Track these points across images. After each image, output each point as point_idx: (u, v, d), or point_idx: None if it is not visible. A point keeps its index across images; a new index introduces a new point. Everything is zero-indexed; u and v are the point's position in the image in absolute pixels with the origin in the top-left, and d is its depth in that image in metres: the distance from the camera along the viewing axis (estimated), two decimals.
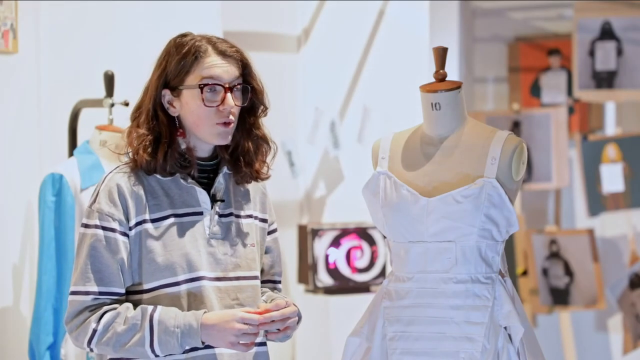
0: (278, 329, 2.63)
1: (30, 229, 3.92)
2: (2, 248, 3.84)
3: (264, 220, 2.79)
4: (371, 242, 5.06)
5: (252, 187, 2.78)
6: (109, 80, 3.85)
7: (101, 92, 3.88)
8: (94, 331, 2.58)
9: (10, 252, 3.87)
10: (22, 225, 3.91)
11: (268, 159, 2.75)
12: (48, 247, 3.69)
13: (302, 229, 5.09)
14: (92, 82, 4.00)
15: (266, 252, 2.81)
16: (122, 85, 3.86)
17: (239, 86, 2.66)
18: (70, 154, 3.87)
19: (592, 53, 5.89)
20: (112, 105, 3.84)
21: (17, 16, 3.90)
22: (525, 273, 5.96)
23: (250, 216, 2.75)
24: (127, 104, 3.75)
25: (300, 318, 2.69)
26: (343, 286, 5.04)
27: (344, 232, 5.05)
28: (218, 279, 2.66)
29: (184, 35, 2.67)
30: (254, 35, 5.15)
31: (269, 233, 2.82)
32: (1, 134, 3.87)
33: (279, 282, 2.86)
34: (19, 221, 3.90)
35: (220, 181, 2.70)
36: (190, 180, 2.66)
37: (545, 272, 5.96)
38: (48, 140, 4.03)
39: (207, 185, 2.69)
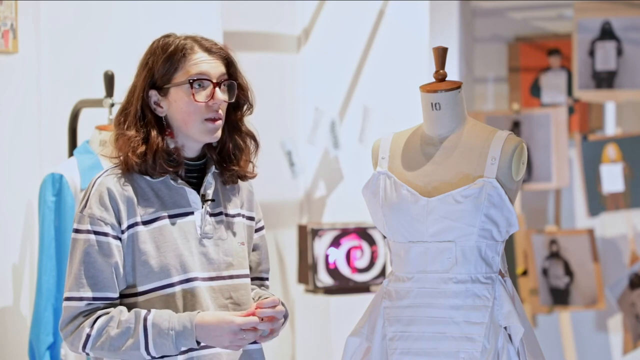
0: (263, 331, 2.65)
1: (30, 229, 3.92)
2: (2, 248, 3.84)
3: (250, 218, 2.80)
4: (371, 242, 5.06)
5: (239, 184, 2.79)
6: (109, 80, 3.85)
7: (101, 92, 3.88)
8: (88, 336, 2.59)
9: (10, 252, 3.87)
10: (22, 225, 3.91)
11: (253, 157, 2.77)
12: (48, 247, 3.69)
13: (302, 229, 5.09)
14: (92, 82, 4.00)
15: (254, 250, 2.83)
16: (122, 85, 3.84)
17: (225, 82, 2.67)
18: (70, 154, 3.87)
19: (592, 53, 5.89)
20: (112, 105, 3.84)
21: (17, 16, 3.89)
22: (525, 273, 5.96)
23: (238, 214, 2.76)
24: None
25: (286, 317, 2.71)
26: (343, 286, 5.04)
27: (344, 232, 5.05)
28: (211, 278, 2.67)
29: (167, 36, 2.69)
30: (254, 35, 5.15)
31: (256, 231, 2.83)
32: (1, 134, 3.87)
33: (267, 279, 2.88)
34: (19, 221, 3.90)
35: (209, 180, 2.71)
36: (180, 180, 2.67)
37: (545, 272, 5.96)
38: (48, 140, 4.03)
39: (196, 185, 2.70)
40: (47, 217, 3.69)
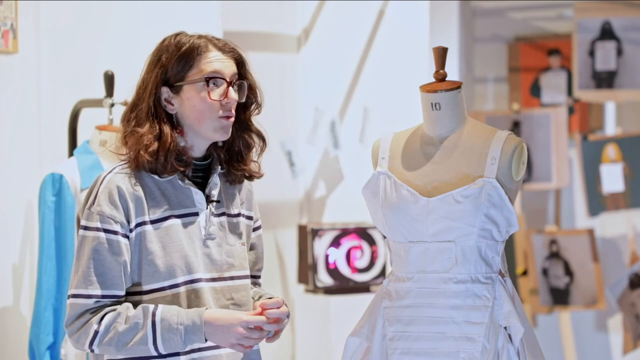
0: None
1: (30, 229, 3.92)
2: (2, 248, 3.84)
3: (249, 218, 2.81)
4: (371, 242, 5.06)
5: (239, 184, 2.79)
6: (109, 80, 3.85)
7: (101, 92, 3.88)
8: (96, 332, 2.58)
9: (10, 252, 3.87)
10: (22, 225, 3.91)
11: (258, 157, 2.77)
12: (48, 247, 3.69)
13: (302, 229, 5.09)
14: (92, 82, 4.00)
15: (251, 249, 2.84)
16: (122, 85, 3.85)
17: (237, 82, 2.69)
18: (70, 154, 3.87)
19: (592, 53, 5.89)
20: (112, 105, 3.84)
21: (17, 16, 3.90)
22: (525, 273, 5.96)
23: (239, 214, 2.77)
24: (127, 104, 3.75)
25: (288, 317, 2.71)
26: (343, 286, 5.04)
27: (344, 232, 5.05)
28: (214, 279, 2.67)
29: (179, 34, 2.70)
30: (254, 35, 5.15)
31: (254, 230, 2.84)
32: (1, 134, 3.87)
33: (260, 277, 2.89)
34: (19, 221, 3.90)
35: (214, 181, 2.71)
36: (187, 181, 2.67)
37: (545, 272, 5.96)
38: (48, 140, 4.03)
39: (201, 185, 2.71)
40: (47, 217, 3.69)
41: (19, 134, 3.94)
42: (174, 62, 2.65)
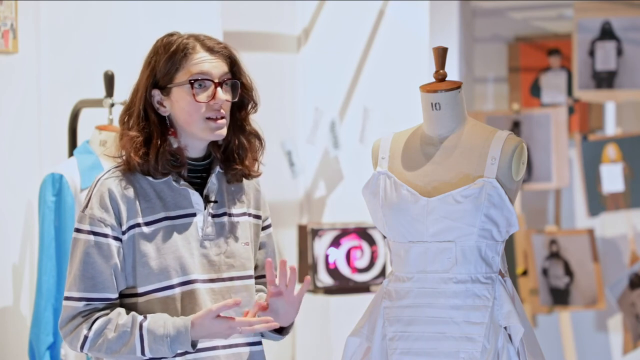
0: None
1: (30, 229, 3.92)
2: (2, 248, 3.84)
3: (257, 217, 2.80)
4: (371, 242, 5.06)
5: (245, 183, 2.78)
6: (109, 80, 3.85)
7: (101, 92, 3.89)
8: (86, 337, 2.59)
9: (10, 252, 3.87)
10: (22, 225, 3.91)
11: (259, 156, 2.76)
12: (48, 247, 3.69)
13: (302, 229, 5.09)
14: (92, 82, 4.00)
15: (260, 248, 2.82)
16: (122, 85, 3.85)
17: (228, 81, 2.66)
18: (70, 154, 3.87)
19: (592, 53, 5.89)
20: (112, 105, 3.84)
21: (17, 16, 3.90)
22: (525, 273, 5.96)
23: (244, 214, 2.75)
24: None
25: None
26: (343, 286, 5.04)
27: (344, 232, 5.05)
28: (212, 280, 2.66)
29: (170, 35, 2.68)
30: (254, 35, 5.15)
31: (263, 229, 2.82)
32: (1, 134, 3.87)
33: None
34: (19, 221, 3.90)
35: (213, 182, 2.70)
36: (182, 182, 2.66)
37: (545, 272, 5.96)
38: (48, 140, 4.03)
39: (200, 186, 2.70)
40: (47, 217, 3.69)
41: (19, 134, 3.94)
42: (162, 64, 2.64)
